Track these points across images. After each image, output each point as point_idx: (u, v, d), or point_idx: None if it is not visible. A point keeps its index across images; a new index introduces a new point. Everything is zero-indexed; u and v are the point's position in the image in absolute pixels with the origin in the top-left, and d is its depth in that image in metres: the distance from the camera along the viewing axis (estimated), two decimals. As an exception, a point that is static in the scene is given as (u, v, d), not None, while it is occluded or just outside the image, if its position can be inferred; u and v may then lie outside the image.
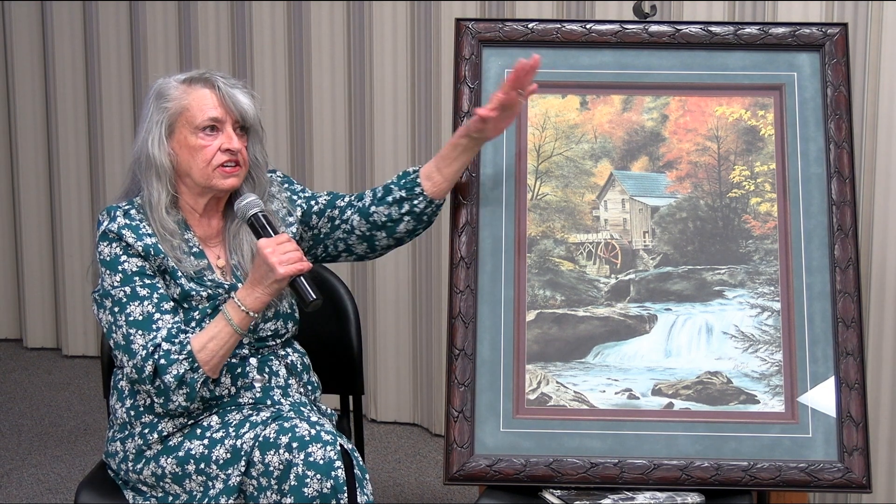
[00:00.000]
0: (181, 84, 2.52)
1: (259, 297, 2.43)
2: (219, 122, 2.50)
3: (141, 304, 2.43)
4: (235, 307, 2.43)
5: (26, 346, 5.07)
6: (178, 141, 2.50)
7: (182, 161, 2.50)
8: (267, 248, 2.40)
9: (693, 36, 2.74)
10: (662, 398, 2.58)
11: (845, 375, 2.55)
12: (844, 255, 2.61)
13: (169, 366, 2.39)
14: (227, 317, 2.43)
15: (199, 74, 2.54)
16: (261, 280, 2.42)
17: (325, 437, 2.36)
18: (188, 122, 2.49)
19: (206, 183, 2.51)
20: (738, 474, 2.50)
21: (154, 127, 2.50)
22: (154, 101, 2.52)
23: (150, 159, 2.49)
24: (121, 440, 2.53)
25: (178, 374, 2.39)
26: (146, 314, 2.42)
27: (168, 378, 2.39)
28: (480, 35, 2.76)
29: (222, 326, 2.43)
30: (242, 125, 2.53)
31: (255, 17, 4.30)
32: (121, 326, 2.43)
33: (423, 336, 4.15)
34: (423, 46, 3.99)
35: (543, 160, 2.72)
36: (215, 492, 2.41)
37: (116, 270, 2.45)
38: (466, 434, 2.54)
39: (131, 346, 2.41)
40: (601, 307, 2.65)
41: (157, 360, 2.39)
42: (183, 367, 2.39)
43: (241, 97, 2.52)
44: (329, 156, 4.24)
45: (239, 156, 2.51)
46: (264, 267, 2.41)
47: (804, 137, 2.69)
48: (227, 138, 2.50)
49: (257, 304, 2.44)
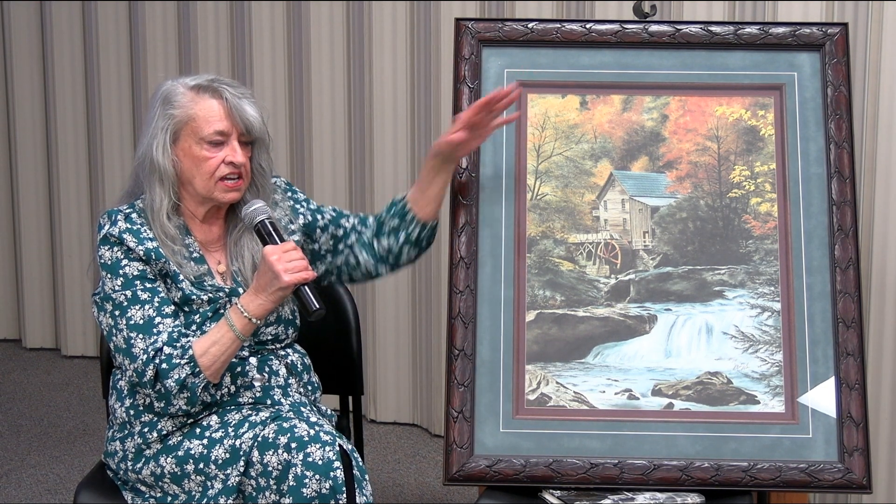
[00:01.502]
0: (189, 91, 2.50)
1: (262, 304, 2.43)
2: (224, 135, 2.48)
3: (142, 308, 2.42)
4: (238, 313, 2.43)
5: (25, 346, 5.06)
6: (183, 149, 2.49)
7: (185, 169, 2.49)
8: (273, 256, 2.40)
9: (693, 36, 2.74)
10: (662, 398, 2.58)
11: (845, 376, 2.55)
12: (845, 255, 2.61)
13: (171, 370, 2.38)
14: (229, 322, 2.42)
15: (208, 82, 2.51)
16: (265, 287, 2.42)
17: (324, 438, 2.36)
18: (193, 132, 2.48)
19: (208, 194, 2.50)
20: (738, 475, 2.49)
21: (159, 132, 2.48)
22: (161, 105, 2.50)
23: (153, 164, 2.48)
24: (120, 439, 2.53)
25: (179, 378, 2.39)
26: (147, 318, 2.42)
27: (169, 382, 2.38)
28: (480, 35, 2.75)
29: (224, 332, 2.42)
30: (247, 139, 2.52)
31: (254, 17, 4.30)
32: (121, 330, 2.42)
33: (422, 336, 4.15)
34: (422, 46, 3.99)
35: (543, 160, 2.72)
36: (214, 492, 2.40)
37: (117, 274, 2.44)
38: (466, 434, 2.54)
39: (132, 349, 2.40)
40: (601, 307, 2.65)
41: (158, 364, 2.38)
42: (185, 371, 2.39)
43: (248, 108, 2.50)
44: (329, 156, 4.24)
45: (242, 169, 2.50)
46: (269, 274, 2.40)
47: (804, 137, 2.69)
48: (231, 151, 2.49)
49: (260, 310, 2.43)
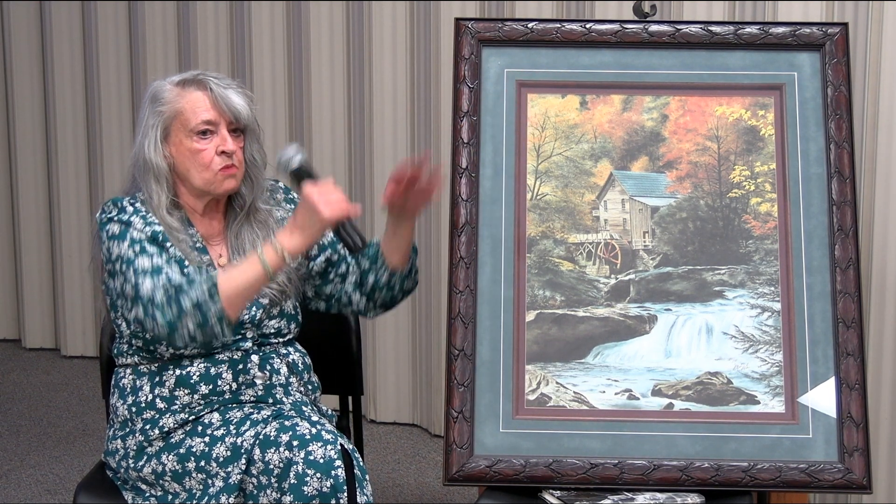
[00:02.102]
0: (175, 87, 2.52)
1: (299, 241, 2.39)
2: (212, 124, 2.49)
3: (150, 259, 2.40)
4: (272, 248, 2.39)
5: (25, 346, 5.06)
6: (175, 144, 2.50)
7: (180, 164, 2.50)
8: (313, 193, 2.38)
9: (693, 36, 2.74)
10: (662, 399, 2.58)
11: (846, 376, 2.55)
12: (845, 255, 2.61)
13: (190, 287, 2.34)
14: (260, 256, 2.39)
15: (193, 76, 2.53)
16: (304, 224, 2.38)
17: (325, 437, 2.36)
18: (182, 125, 2.49)
19: (206, 187, 2.51)
20: (739, 475, 2.49)
21: (150, 131, 2.50)
22: (149, 104, 2.52)
23: (147, 163, 2.50)
24: (121, 437, 2.53)
25: (195, 297, 2.33)
26: (155, 266, 2.40)
27: (185, 301, 2.33)
28: (480, 35, 2.75)
29: (252, 262, 2.38)
30: (236, 127, 2.53)
31: (254, 16, 4.30)
32: (129, 279, 2.39)
33: (422, 336, 4.15)
34: (422, 46, 3.99)
35: (543, 160, 2.72)
36: (215, 490, 2.40)
37: (125, 238, 2.43)
38: (466, 435, 2.54)
39: (140, 290, 2.37)
40: (601, 307, 2.65)
41: (177, 283, 2.35)
42: (203, 289, 2.33)
43: (235, 97, 2.51)
44: (328, 156, 4.23)
45: (234, 157, 2.51)
46: (310, 211, 2.37)
47: (804, 137, 2.69)
48: (221, 140, 2.49)
49: (297, 247, 2.39)
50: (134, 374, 2.53)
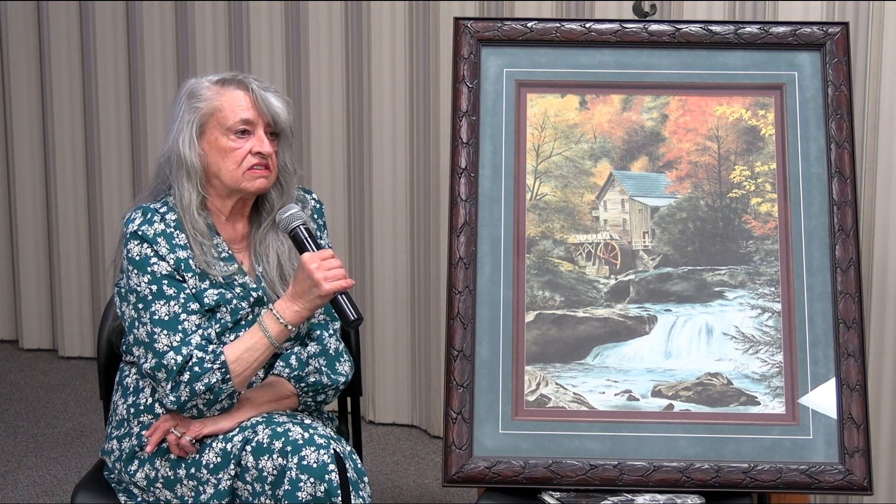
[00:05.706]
0: (214, 84, 2.50)
1: (299, 312, 2.41)
2: (250, 124, 2.48)
3: (167, 304, 2.40)
4: (274, 319, 2.41)
5: (22, 347, 5.06)
6: (209, 142, 2.48)
7: (212, 162, 2.48)
8: (312, 263, 2.37)
9: (693, 35, 2.73)
10: (662, 399, 2.57)
11: (846, 377, 2.54)
12: (845, 255, 2.60)
13: (202, 374, 2.37)
14: (263, 328, 2.41)
15: (233, 76, 2.52)
16: (303, 294, 2.40)
17: (318, 441, 2.35)
18: (220, 123, 2.47)
19: (235, 185, 2.49)
20: (739, 476, 2.49)
21: (185, 126, 2.47)
22: (186, 100, 2.49)
23: (180, 159, 2.47)
24: (118, 438, 2.52)
25: (209, 382, 2.37)
26: (172, 314, 2.40)
27: (199, 385, 2.37)
28: (479, 34, 2.74)
29: (259, 338, 2.41)
30: (273, 130, 2.51)
31: (252, 16, 4.29)
32: (145, 324, 2.40)
33: (421, 337, 4.14)
34: (421, 46, 3.98)
35: (542, 160, 2.71)
36: (206, 497, 2.39)
37: (145, 271, 2.42)
38: (465, 436, 2.53)
39: (154, 344, 2.38)
40: (601, 308, 2.64)
41: (191, 367, 2.36)
42: (216, 376, 2.37)
43: (275, 100, 2.49)
44: (328, 155, 4.23)
45: (269, 160, 2.49)
46: (308, 281, 2.38)
47: (805, 137, 2.68)
48: (258, 141, 2.48)
49: (297, 318, 2.41)
50: (138, 375, 2.52)
